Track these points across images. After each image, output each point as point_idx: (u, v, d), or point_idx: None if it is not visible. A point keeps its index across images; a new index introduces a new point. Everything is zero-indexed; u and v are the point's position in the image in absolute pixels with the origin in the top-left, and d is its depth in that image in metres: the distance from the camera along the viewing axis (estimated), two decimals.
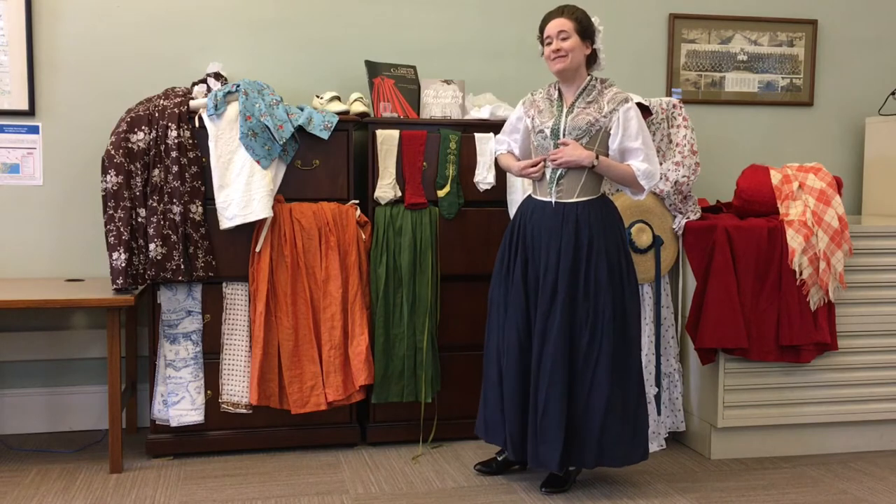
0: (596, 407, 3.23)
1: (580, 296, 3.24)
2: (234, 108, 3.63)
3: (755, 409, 3.81)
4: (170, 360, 3.69)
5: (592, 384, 3.23)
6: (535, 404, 3.26)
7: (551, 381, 3.22)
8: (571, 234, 3.25)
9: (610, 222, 3.31)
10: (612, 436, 3.25)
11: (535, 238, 3.31)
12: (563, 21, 3.28)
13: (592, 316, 3.23)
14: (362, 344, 3.74)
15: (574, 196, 3.29)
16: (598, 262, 3.24)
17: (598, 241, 3.25)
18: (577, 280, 3.25)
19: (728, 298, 3.69)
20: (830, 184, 3.81)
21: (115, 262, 3.51)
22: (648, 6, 4.59)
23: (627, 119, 3.25)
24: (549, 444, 3.23)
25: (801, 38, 4.75)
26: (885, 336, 3.92)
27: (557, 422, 3.21)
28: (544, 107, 3.37)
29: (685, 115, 3.91)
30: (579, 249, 3.25)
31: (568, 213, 3.27)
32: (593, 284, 3.24)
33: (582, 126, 3.26)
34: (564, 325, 3.23)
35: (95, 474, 3.54)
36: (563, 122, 3.29)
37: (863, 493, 3.46)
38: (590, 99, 3.31)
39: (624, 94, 3.32)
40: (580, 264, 3.25)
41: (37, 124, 4.02)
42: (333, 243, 3.72)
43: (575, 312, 3.25)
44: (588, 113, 3.27)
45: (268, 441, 3.79)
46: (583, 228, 3.26)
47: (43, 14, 4.00)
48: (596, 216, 3.28)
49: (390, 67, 4.11)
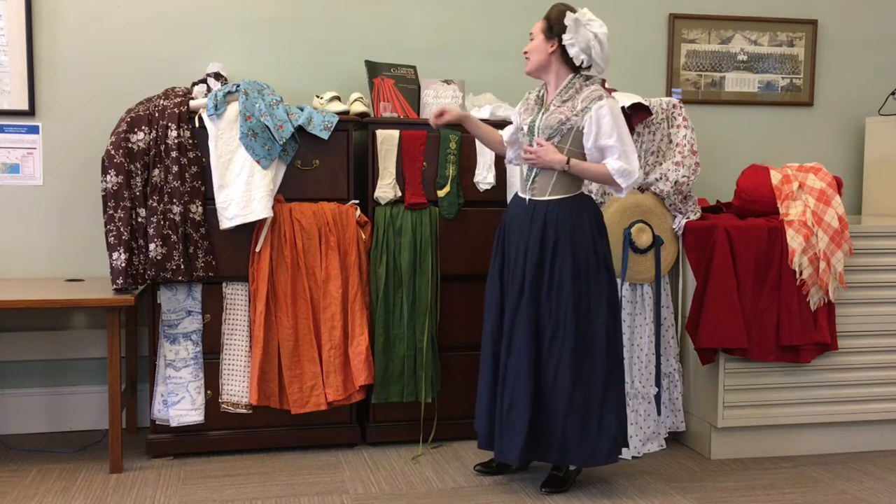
0: (558, 404, 3.26)
1: (544, 293, 3.28)
2: (234, 108, 3.63)
3: (755, 409, 3.81)
4: (170, 360, 3.69)
5: (555, 381, 3.26)
6: (502, 398, 3.31)
7: (517, 377, 3.27)
8: (539, 231, 3.29)
9: (580, 221, 3.29)
10: (574, 434, 3.26)
11: (511, 236, 3.37)
12: (537, 23, 3.34)
13: (555, 313, 3.27)
14: (362, 344, 3.74)
15: (546, 194, 3.32)
16: (562, 260, 3.26)
17: (565, 240, 3.27)
18: (542, 277, 3.29)
19: (728, 298, 3.69)
20: (830, 184, 3.81)
21: (115, 262, 3.51)
22: (648, 6, 4.59)
23: (600, 117, 3.23)
24: (513, 437, 3.27)
25: (801, 38, 4.75)
26: (885, 336, 3.92)
27: (522, 416, 3.25)
28: (531, 105, 3.42)
29: (685, 115, 3.91)
30: (545, 247, 3.28)
31: (538, 210, 3.31)
32: (556, 282, 3.27)
33: (553, 125, 3.28)
34: (531, 322, 3.28)
35: (95, 474, 3.54)
36: (538, 121, 3.33)
37: (863, 493, 3.46)
38: (566, 97, 3.32)
39: (599, 91, 3.29)
40: (545, 262, 3.28)
41: (37, 124, 4.02)
42: (333, 243, 3.72)
43: (539, 309, 3.29)
44: (561, 111, 3.29)
45: (268, 441, 3.80)
46: (549, 227, 3.28)
47: (43, 14, 4.00)
48: (565, 215, 3.28)
49: (390, 67, 4.11)
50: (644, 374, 3.85)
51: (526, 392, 3.25)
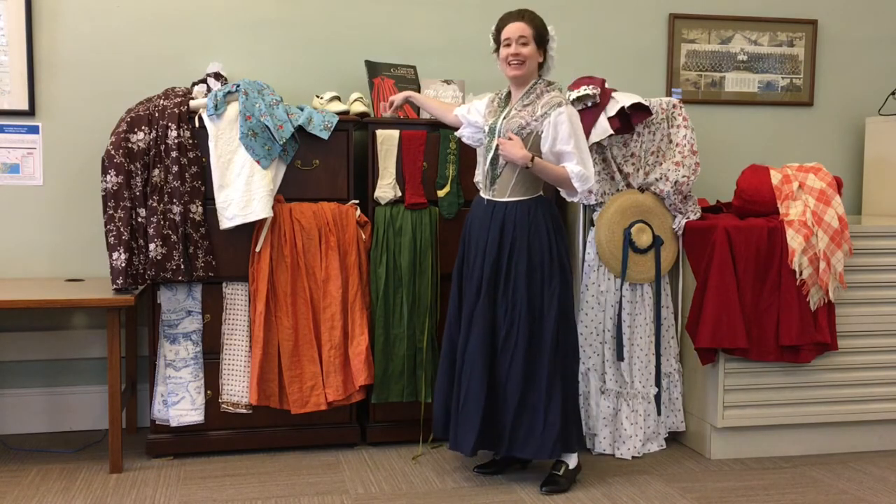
0: (509, 399, 3.36)
1: (500, 293, 3.38)
2: (234, 108, 3.63)
3: (755, 409, 3.81)
4: (170, 360, 3.69)
5: (507, 378, 3.36)
6: (458, 391, 3.41)
7: (472, 373, 3.36)
8: (497, 232, 3.37)
9: (537, 223, 3.36)
10: (523, 428, 3.36)
11: (470, 234, 3.46)
12: (523, 26, 3.36)
13: (510, 313, 3.36)
14: (362, 344, 3.74)
15: (506, 195, 3.39)
16: (517, 261, 3.35)
17: (521, 241, 3.35)
18: (499, 277, 3.38)
19: (728, 298, 3.69)
20: (830, 184, 3.81)
21: (115, 262, 3.51)
22: (648, 6, 4.59)
23: (558, 123, 3.29)
24: (467, 431, 3.36)
25: (801, 38, 4.75)
26: (885, 336, 3.92)
27: (476, 409, 3.34)
28: (495, 106, 3.49)
29: (685, 115, 3.91)
30: (502, 248, 3.37)
31: (497, 211, 3.39)
32: (512, 283, 3.36)
33: (513, 129, 3.34)
34: (486, 320, 3.37)
35: (95, 474, 3.54)
36: (499, 123, 3.39)
37: (863, 493, 3.46)
38: (527, 102, 3.38)
39: (560, 97, 3.34)
40: (502, 262, 3.37)
41: (37, 124, 4.02)
42: (333, 243, 3.72)
43: (495, 308, 3.38)
44: (521, 116, 3.35)
45: (268, 441, 3.80)
46: (507, 227, 3.36)
47: (43, 14, 4.00)
48: (522, 216, 3.36)
49: (390, 67, 4.11)
50: (644, 374, 3.85)
51: (480, 387, 3.35)
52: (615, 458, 3.80)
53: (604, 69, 4.38)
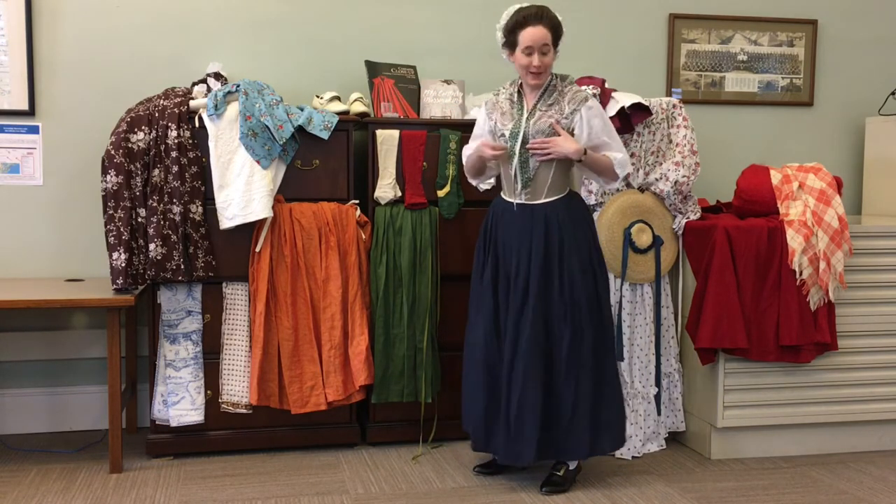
0: (567, 401, 3.29)
1: (555, 293, 3.30)
2: (234, 108, 3.63)
3: (755, 409, 3.81)
4: (170, 360, 3.69)
5: (566, 379, 3.29)
6: (508, 402, 3.30)
7: (525, 381, 3.26)
8: (542, 234, 3.30)
9: (578, 219, 3.36)
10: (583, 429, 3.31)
11: (504, 240, 3.36)
12: (545, 33, 3.24)
13: (571, 311, 3.29)
14: (362, 344, 3.74)
15: (542, 197, 3.33)
16: (570, 258, 3.30)
17: (569, 239, 3.31)
18: (551, 278, 3.30)
19: (728, 298, 3.69)
20: (830, 184, 3.81)
21: (115, 262, 3.51)
22: (648, 6, 4.59)
23: (591, 118, 3.29)
24: (526, 440, 3.28)
25: (801, 38, 4.75)
26: (885, 336, 3.92)
27: (533, 419, 3.26)
28: (506, 108, 3.38)
29: (685, 115, 3.91)
30: (550, 249, 3.30)
31: (537, 213, 3.32)
32: (567, 280, 3.29)
33: (545, 129, 3.28)
34: (538, 325, 3.28)
35: (95, 474, 3.55)
36: (523, 126, 3.30)
37: (863, 493, 3.46)
38: (550, 101, 3.33)
39: (584, 92, 3.34)
40: (552, 263, 3.30)
41: (37, 124, 4.02)
42: (333, 243, 3.72)
43: (551, 310, 3.30)
44: (550, 115, 3.30)
45: (268, 441, 3.80)
46: (552, 227, 3.31)
47: (43, 14, 4.00)
48: (564, 214, 3.32)
49: (390, 67, 4.11)
50: (644, 374, 3.85)
51: (536, 393, 3.26)
52: (615, 458, 3.79)
53: (604, 69, 4.38)
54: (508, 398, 3.31)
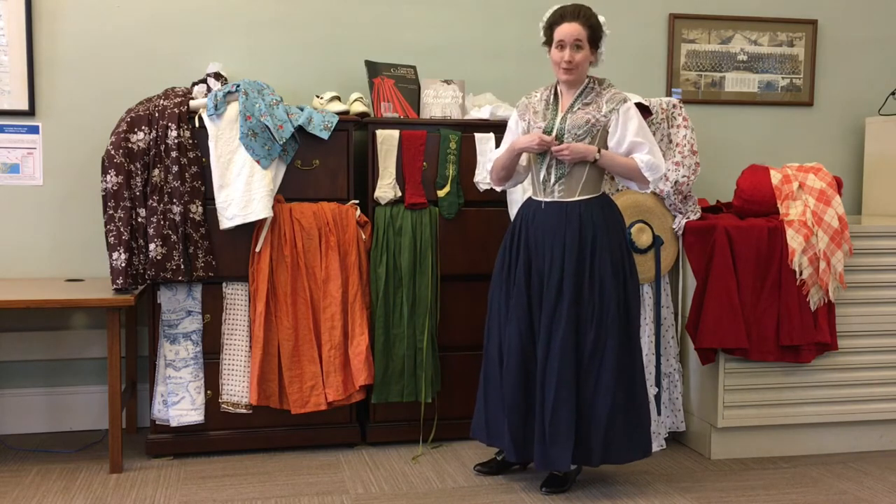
0: (601, 405, 3.24)
1: (585, 294, 3.26)
2: (234, 108, 3.63)
3: (755, 409, 3.81)
4: (170, 360, 3.69)
5: (598, 381, 3.25)
6: (543, 406, 3.26)
7: (559, 382, 3.22)
8: (575, 232, 3.26)
9: (612, 221, 3.33)
10: (617, 433, 3.26)
11: (537, 239, 3.32)
12: (579, 28, 3.25)
13: (598, 313, 3.25)
14: (362, 344, 3.74)
15: (576, 195, 3.31)
16: (601, 259, 3.26)
17: (602, 239, 3.27)
18: (582, 278, 3.26)
19: (728, 298, 3.69)
20: (830, 184, 3.81)
21: (115, 262, 3.51)
22: (648, 6, 4.59)
23: (628, 118, 3.28)
24: (560, 445, 3.23)
25: (801, 38, 4.75)
26: (885, 336, 3.92)
27: (568, 423, 3.22)
28: (540, 109, 3.38)
29: (685, 115, 3.91)
30: (583, 248, 3.27)
31: (571, 212, 3.29)
32: (598, 282, 3.26)
33: (582, 125, 3.27)
34: (570, 325, 3.24)
35: (95, 474, 3.55)
36: (557, 124, 3.30)
37: (863, 493, 3.46)
38: (588, 101, 3.33)
39: (622, 94, 3.34)
40: (584, 262, 3.26)
41: (37, 124, 4.02)
42: (333, 243, 3.72)
43: (580, 311, 3.26)
44: (587, 112, 3.29)
45: (268, 441, 3.79)
46: (586, 227, 3.27)
47: (43, 14, 4.00)
48: (598, 214, 3.30)
49: (390, 67, 4.11)
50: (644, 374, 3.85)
51: (571, 394, 3.23)
52: None
53: (604, 69, 4.36)
54: (543, 403, 3.26)
